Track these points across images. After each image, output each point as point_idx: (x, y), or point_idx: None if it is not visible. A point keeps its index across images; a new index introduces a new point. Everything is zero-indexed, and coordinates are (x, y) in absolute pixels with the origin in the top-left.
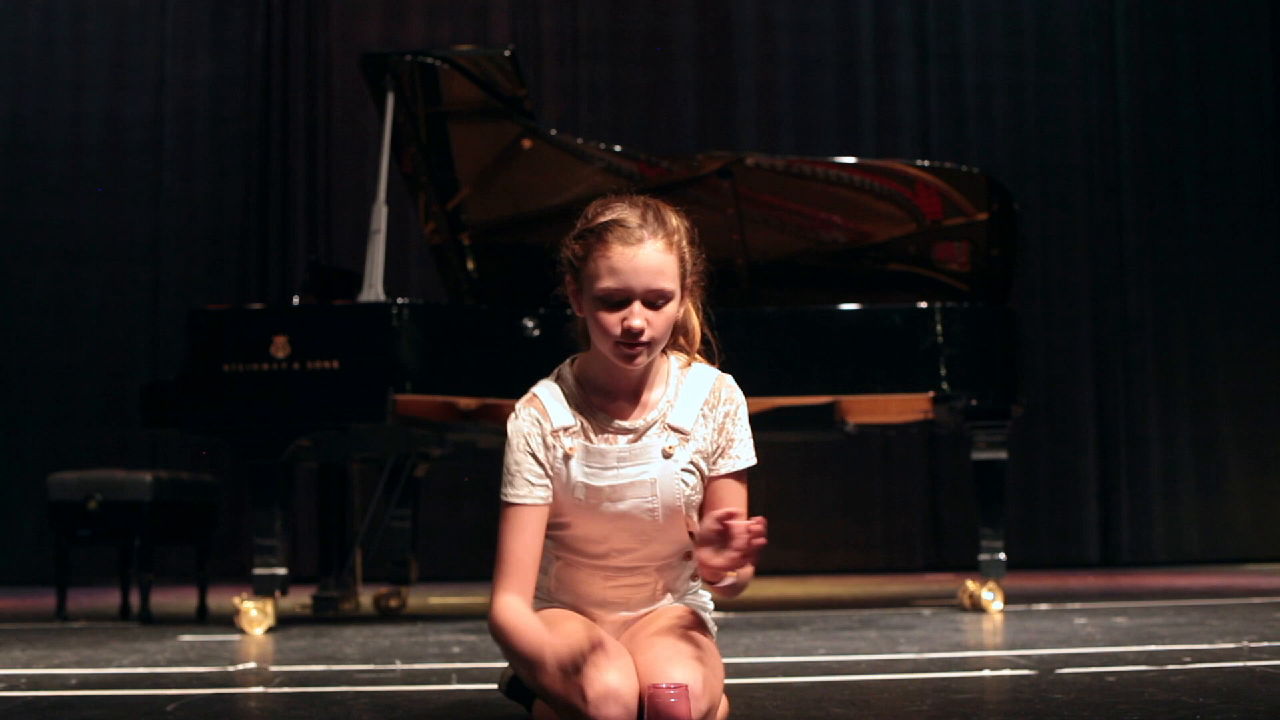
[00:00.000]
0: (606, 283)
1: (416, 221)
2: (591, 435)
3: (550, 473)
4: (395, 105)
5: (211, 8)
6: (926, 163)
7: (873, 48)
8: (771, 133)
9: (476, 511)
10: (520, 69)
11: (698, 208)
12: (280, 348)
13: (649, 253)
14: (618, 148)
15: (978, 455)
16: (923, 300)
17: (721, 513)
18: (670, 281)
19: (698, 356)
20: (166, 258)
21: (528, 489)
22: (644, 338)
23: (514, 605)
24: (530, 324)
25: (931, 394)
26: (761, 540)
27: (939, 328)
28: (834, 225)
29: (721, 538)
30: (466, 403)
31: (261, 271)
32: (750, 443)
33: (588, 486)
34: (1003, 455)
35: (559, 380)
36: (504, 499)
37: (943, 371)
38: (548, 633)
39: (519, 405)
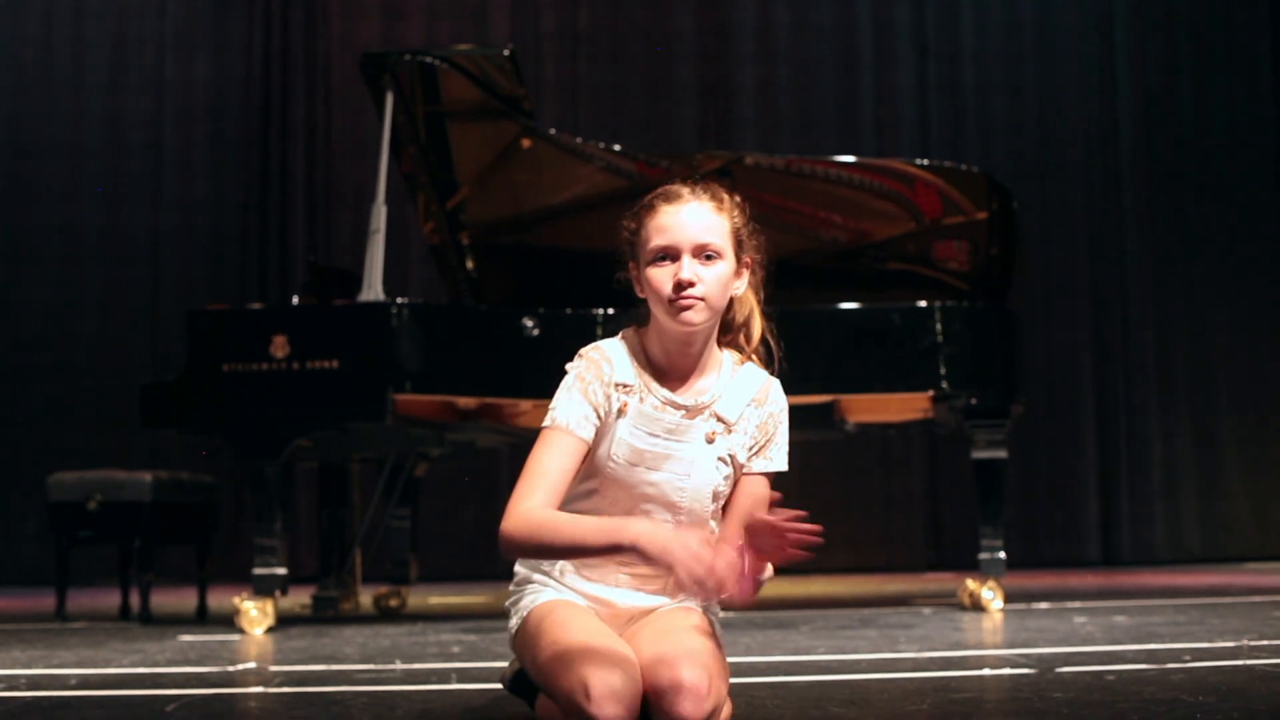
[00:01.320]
0: (656, 241)
1: (416, 221)
2: (647, 399)
3: (600, 419)
4: (394, 105)
5: (211, 8)
6: (926, 162)
7: (872, 47)
8: (771, 133)
9: (476, 511)
10: (519, 69)
11: None
12: (280, 348)
13: (694, 209)
14: (617, 148)
15: (978, 454)
16: (922, 299)
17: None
18: (719, 239)
19: (754, 357)
20: (166, 258)
21: (575, 420)
22: (696, 291)
23: (538, 508)
24: (530, 324)
25: (931, 393)
26: (816, 539)
27: (939, 327)
28: (834, 224)
29: (769, 533)
30: (466, 403)
31: (261, 271)
32: (786, 449)
33: (631, 447)
34: (1003, 454)
35: (625, 340)
36: (547, 424)
37: (942, 370)
38: (580, 518)
39: (585, 350)
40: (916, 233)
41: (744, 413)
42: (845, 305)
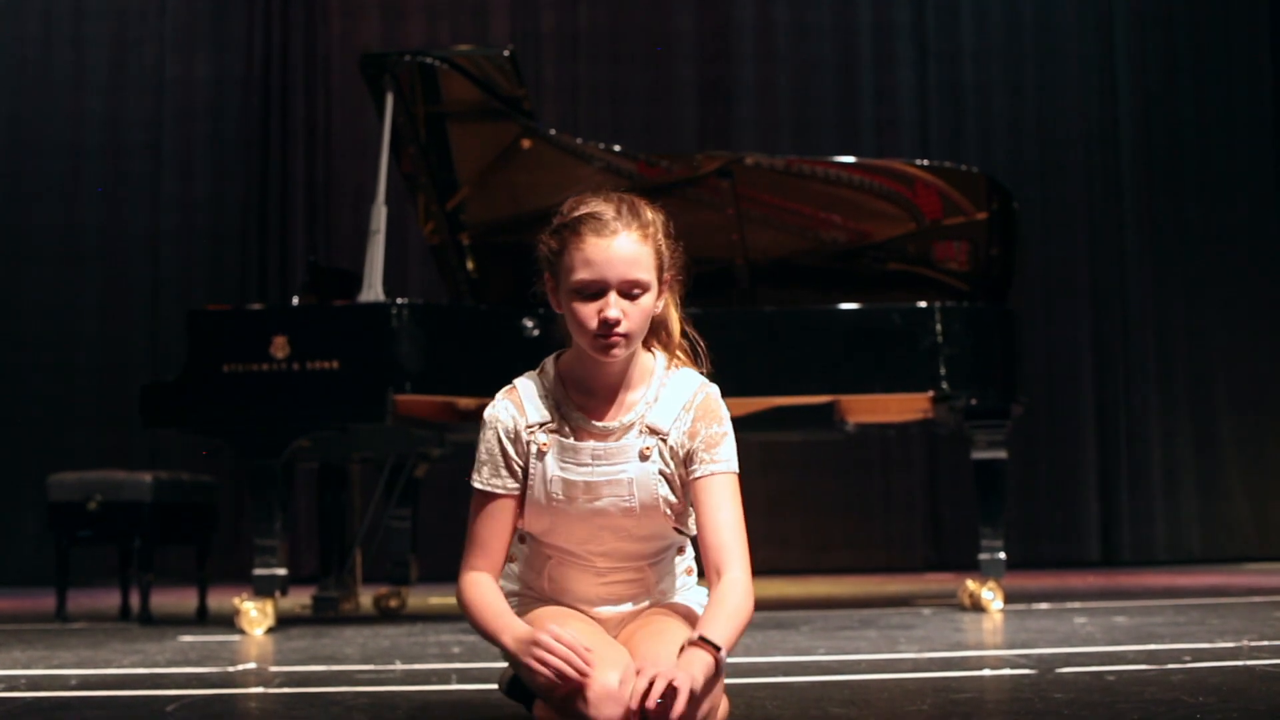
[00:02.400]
0: (581, 274)
1: (416, 221)
2: (567, 432)
3: (522, 466)
4: (394, 105)
5: (211, 8)
6: (926, 162)
7: (872, 47)
8: (771, 133)
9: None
10: (519, 69)
11: (697, 208)
12: (280, 348)
13: (623, 243)
14: (617, 148)
15: (978, 455)
16: (922, 300)
17: (650, 682)
18: (645, 272)
19: (680, 356)
20: (166, 258)
21: (495, 478)
22: (620, 329)
23: (480, 581)
24: (530, 324)
25: (931, 393)
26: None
27: (939, 327)
28: (833, 225)
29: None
30: (466, 403)
31: (261, 271)
32: (730, 449)
33: (563, 481)
34: (1003, 455)
35: (541, 375)
36: (473, 483)
37: (942, 371)
38: (503, 614)
39: (499, 395)
40: (916, 233)
41: (676, 419)
42: (845, 306)
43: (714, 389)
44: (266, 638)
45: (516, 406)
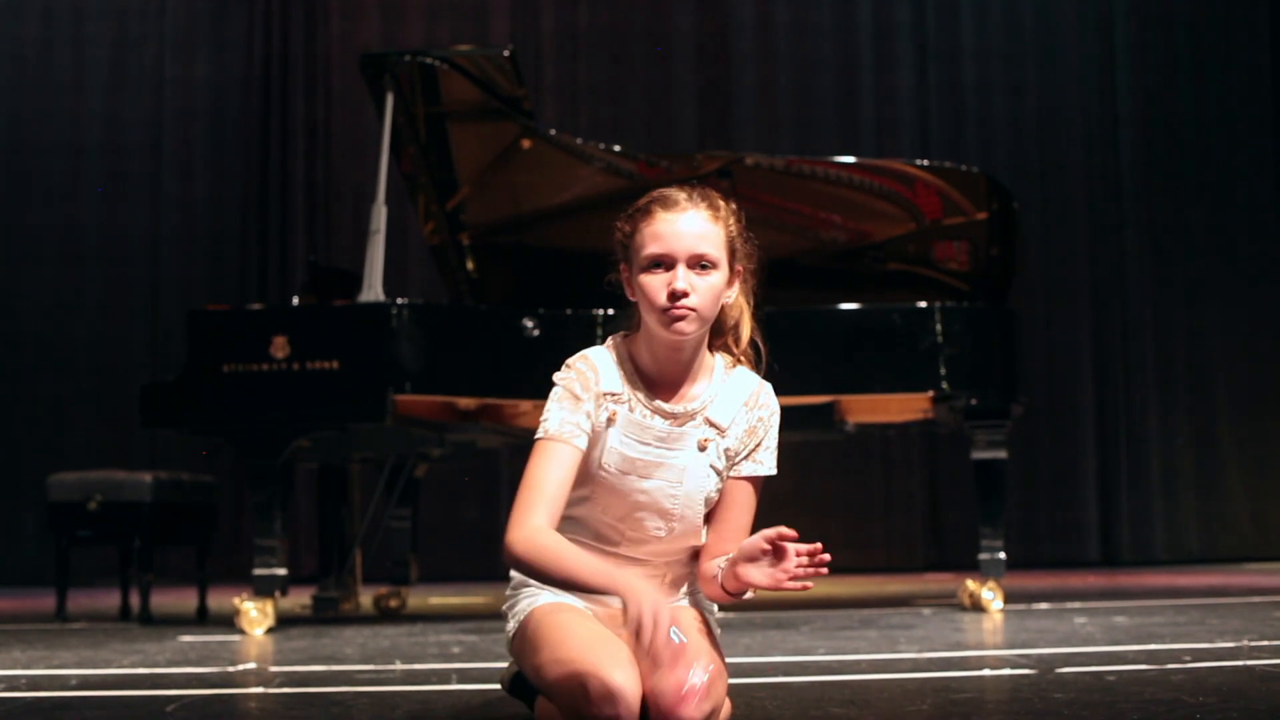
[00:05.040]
0: (651, 248)
1: (416, 221)
2: (636, 407)
3: (592, 428)
4: (394, 105)
5: (211, 8)
6: (926, 162)
7: (872, 48)
8: (771, 133)
9: (476, 511)
10: (519, 69)
11: None
12: (280, 348)
13: (692, 217)
14: (617, 148)
15: (978, 455)
16: (922, 300)
17: (773, 532)
18: (714, 249)
19: (743, 360)
20: (166, 258)
21: (569, 429)
22: (689, 302)
23: (542, 529)
24: (530, 324)
25: (931, 393)
26: (824, 571)
27: (939, 327)
28: (834, 225)
29: (771, 556)
30: (466, 403)
31: (261, 271)
32: (775, 453)
33: (622, 455)
34: (1003, 455)
35: (614, 349)
36: (540, 435)
37: (942, 371)
38: (601, 562)
39: (571, 360)
40: (916, 233)
41: (736, 416)
42: (845, 306)
43: (769, 388)
44: (266, 638)
45: (593, 371)
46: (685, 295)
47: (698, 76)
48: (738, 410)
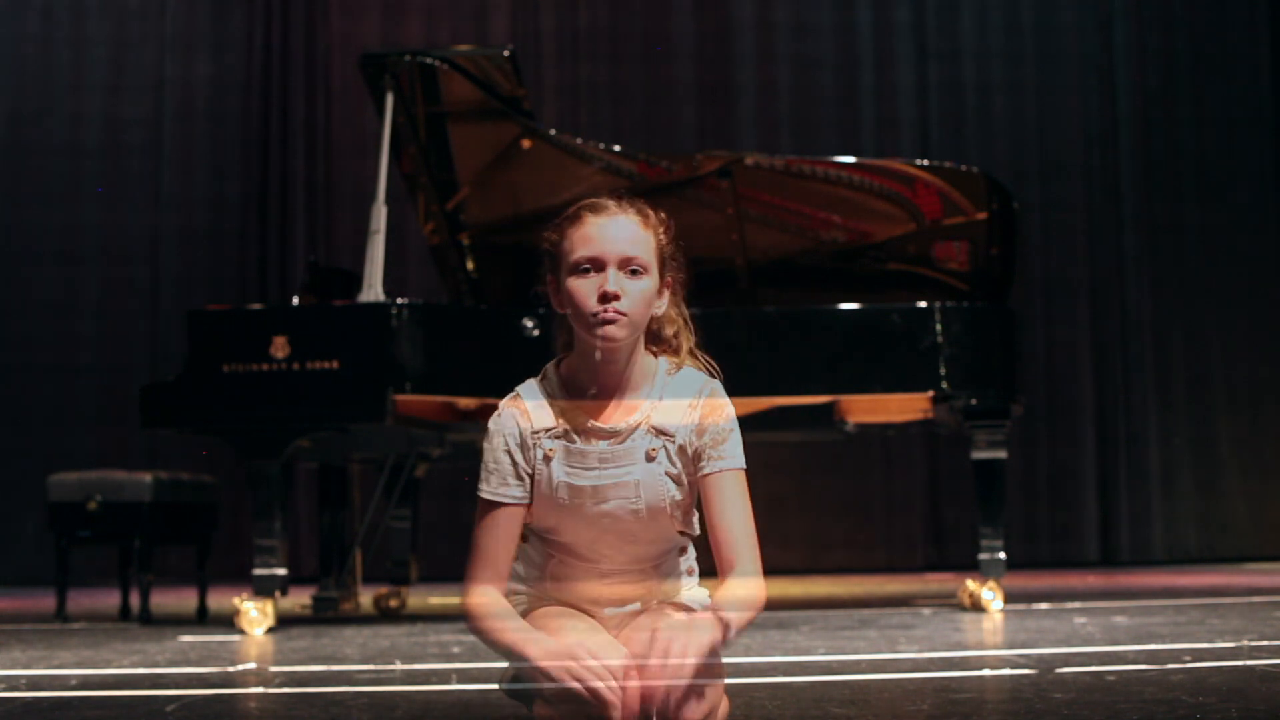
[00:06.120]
0: (581, 251)
1: (416, 221)
2: (573, 436)
3: (530, 473)
4: (394, 105)
5: (211, 8)
6: (926, 162)
7: (872, 47)
8: (771, 133)
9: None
10: (519, 69)
11: (697, 208)
12: (280, 348)
13: (622, 222)
14: (617, 148)
15: (977, 455)
16: (922, 300)
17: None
18: (645, 253)
19: (689, 359)
20: (166, 258)
21: (503, 487)
22: (620, 305)
23: (489, 595)
24: (530, 324)
25: (931, 393)
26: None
27: (938, 327)
28: (833, 225)
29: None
30: (466, 403)
31: (261, 271)
32: (737, 444)
33: (570, 486)
34: (1002, 455)
35: (544, 380)
36: (480, 494)
37: (942, 371)
38: (524, 627)
39: (502, 404)
40: (916, 233)
41: (683, 417)
42: (845, 306)
43: (717, 384)
44: (266, 638)
45: (522, 413)
46: (616, 298)
47: (698, 76)
48: (684, 411)
